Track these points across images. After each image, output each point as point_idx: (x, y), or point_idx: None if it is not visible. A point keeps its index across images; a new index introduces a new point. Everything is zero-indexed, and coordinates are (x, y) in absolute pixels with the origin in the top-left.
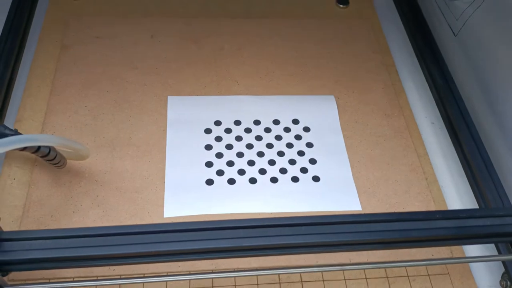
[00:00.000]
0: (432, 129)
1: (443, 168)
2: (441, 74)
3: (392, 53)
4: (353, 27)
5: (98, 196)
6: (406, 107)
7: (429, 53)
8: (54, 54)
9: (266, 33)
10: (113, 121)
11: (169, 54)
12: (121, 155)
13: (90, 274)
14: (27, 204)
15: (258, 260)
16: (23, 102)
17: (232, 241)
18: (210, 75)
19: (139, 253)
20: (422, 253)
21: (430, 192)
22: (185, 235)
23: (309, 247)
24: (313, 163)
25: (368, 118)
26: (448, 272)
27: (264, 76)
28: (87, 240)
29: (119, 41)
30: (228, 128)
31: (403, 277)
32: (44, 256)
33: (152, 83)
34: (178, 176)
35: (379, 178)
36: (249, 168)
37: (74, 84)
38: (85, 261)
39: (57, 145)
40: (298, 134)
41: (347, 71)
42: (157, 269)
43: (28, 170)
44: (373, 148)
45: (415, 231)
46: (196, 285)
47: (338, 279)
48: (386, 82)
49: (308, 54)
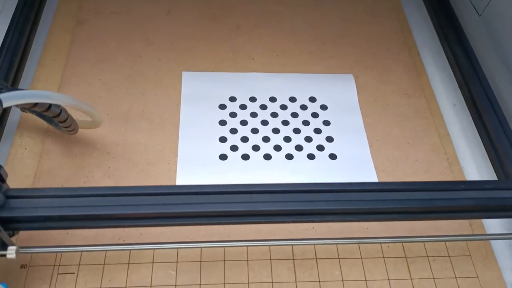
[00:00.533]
0: (453, 111)
1: (465, 149)
2: (465, 54)
3: (414, 33)
4: (374, 6)
5: (110, 168)
6: (427, 88)
7: (452, 33)
8: (69, 28)
9: (284, 11)
10: (126, 94)
11: (185, 31)
12: (134, 128)
13: (99, 242)
14: (37, 173)
15: (272, 235)
16: (37, 74)
17: (245, 205)
18: (226, 52)
19: (150, 213)
20: (441, 232)
21: (451, 172)
22: (196, 197)
23: (326, 214)
24: (330, 141)
25: (388, 97)
26: (469, 253)
27: (281, 54)
28: (96, 199)
29: (135, 16)
30: (243, 105)
31: (423, 257)
32: (52, 214)
33: (167, 59)
34: (191, 150)
35: (398, 158)
36: (264, 144)
37: (88, 58)
38: (94, 221)
39: (69, 105)
40: (315, 112)
41: (367, 51)
42: (168, 239)
43: (39, 140)
44: (392, 127)
45: (438, 200)
46: (207, 257)
47: (355, 257)
48: (407, 62)
49: (327, 33)
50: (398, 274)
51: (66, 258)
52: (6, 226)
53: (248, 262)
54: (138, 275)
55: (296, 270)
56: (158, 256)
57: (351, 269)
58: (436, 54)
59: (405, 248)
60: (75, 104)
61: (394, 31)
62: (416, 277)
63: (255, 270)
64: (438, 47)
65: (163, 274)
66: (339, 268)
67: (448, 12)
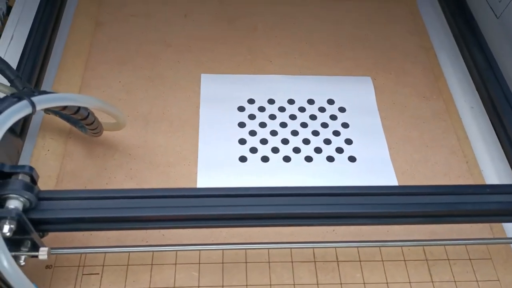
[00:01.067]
0: (471, 113)
1: (483, 152)
2: (484, 56)
3: (430, 35)
4: (390, 8)
5: (131, 169)
6: (445, 90)
7: (470, 35)
8: (88, 31)
9: (301, 14)
10: (146, 96)
11: (202, 33)
12: (154, 130)
13: (122, 243)
14: (60, 175)
15: (292, 237)
16: (58, 76)
17: (266, 208)
18: (244, 54)
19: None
20: (462, 235)
21: (471, 176)
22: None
23: (348, 218)
24: (349, 143)
25: (406, 100)
26: (490, 256)
27: (298, 56)
28: (123, 201)
29: (153, 19)
30: (262, 107)
31: (443, 260)
32: (82, 216)
33: (185, 61)
34: (211, 152)
35: (417, 160)
36: (283, 146)
37: (108, 61)
38: (121, 223)
39: (97, 108)
40: (334, 114)
41: (384, 53)
42: (190, 240)
43: (62, 141)
44: (411, 129)
45: (461, 204)
46: (229, 258)
47: (376, 260)
48: (425, 64)
49: (344, 35)
50: (419, 277)
51: (90, 259)
52: (37, 227)
53: (269, 264)
54: (161, 276)
55: (317, 272)
56: (180, 258)
57: (372, 271)
58: (453, 56)
59: (426, 251)
60: (103, 106)
61: (410, 32)
62: (437, 280)
63: (277, 272)
64: (455, 49)
65: (186, 275)
66: (360, 270)
67: (465, 14)
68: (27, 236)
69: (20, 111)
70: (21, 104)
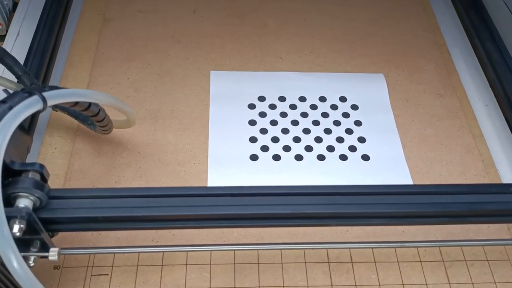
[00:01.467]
0: (486, 111)
1: (499, 150)
2: (498, 52)
3: (443, 32)
4: (403, 5)
5: (140, 168)
6: (459, 87)
7: (483, 31)
8: (96, 27)
9: (312, 10)
10: (155, 93)
11: (211, 29)
12: (163, 128)
13: (133, 244)
14: (68, 173)
15: (305, 237)
16: (65, 73)
17: (278, 207)
18: (254, 51)
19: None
20: (479, 236)
21: (487, 175)
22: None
23: (364, 218)
24: (362, 141)
25: (419, 97)
26: (508, 258)
27: (309, 53)
28: (135, 200)
29: (161, 15)
30: (273, 104)
31: (460, 261)
32: (94, 215)
33: (194, 58)
34: (222, 150)
35: (432, 159)
36: (294, 144)
37: (116, 57)
38: (133, 223)
39: (108, 104)
40: (346, 112)
41: (397, 50)
42: (200, 240)
43: (70, 139)
44: (425, 127)
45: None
46: (241, 259)
47: (391, 261)
48: (438, 61)
49: (356, 31)
50: (436, 279)
51: (99, 260)
52: (47, 227)
53: (282, 265)
54: (172, 277)
55: (331, 273)
56: (191, 258)
57: (388, 273)
58: (466, 52)
59: (442, 252)
60: (115, 103)
61: (423, 29)
62: (454, 282)
63: (290, 273)
64: (468, 46)
65: (197, 276)
66: (376, 272)
67: (478, 9)
68: (37, 236)
69: (31, 106)
70: (32, 99)
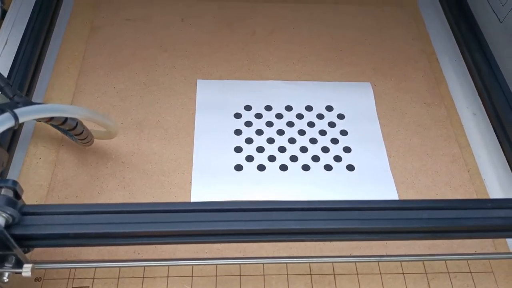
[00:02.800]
0: (474, 120)
1: (486, 160)
2: (486, 61)
3: (432, 40)
4: (392, 12)
5: (124, 178)
6: (447, 96)
7: (472, 40)
8: (83, 35)
9: (300, 18)
10: (141, 103)
11: (199, 38)
12: (148, 137)
13: (114, 257)
14: (52, 184)
15: (289, 249)
16: (51, 82)
17: (262, 223)
18: (241, 59)
19: (165, 232)
20: (464, 249)
21: (472, 185)
22: (213, 215)
23: (345, 233)
24: (347, 151)
25: (406, 106)
26: (492, 270)
27: (297, 62)
28: (112, 216)
29: (150, 23)
30: (259, 113)
31: (443, 273)
32: (68, 232)
33: (181, 66)
34: (206, 160)
35: (418, 169)
36: (280, 154)
37: (103, 66)
38: (110, 239)
39: (86, 118)
40: (332, 121)
41: (385, 58)
42: (183, 255)
43: (54, 149)
44: (411, 137)
45: (463, 220)
46: (223, 272)
47: (374, 273)
48: (426, 70)
49: (344, 40)
50: None
51: (80, 272)
52: (21, 243)
53: (264, 277)
54: None
55: (313, 286)
56: (173, 270)
57: (370, 285)
58: (456, 61)
59: (426, 264)
60: (92, 116)
61: (412, 37)
62: None
63: (272, 285)
64: (457, 54)
65: None
66: (358, 284)
67: (468, 18)
68: (11, 252)
69: (1, 124)
70: (3, 117)
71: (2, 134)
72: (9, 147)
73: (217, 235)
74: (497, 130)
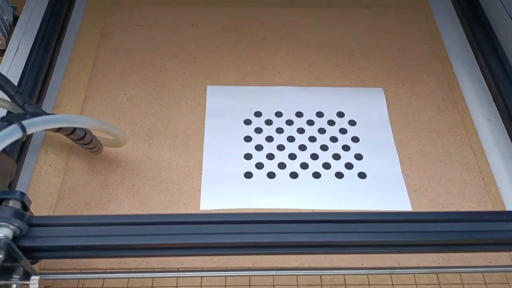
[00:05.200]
0: (488, 126)
1: (501, 168)
2: (501, 66)
3: (446, 44)
4: (404, 17)
5: (133, 186)
6: (461, 101)
7: (487, 44)
8: (94, 41)
9: (311, 23)
10: (151, 109)
11: (209, 43)
12: (158, 144)
13: (123, 266)
14: (62, 191)
15: (299, 259)
16: (62, 88)
17: (273, 236)
18: (251, 65)
19: (174, 244)
20: (478, 260)
21: (487, 193)
22: (223, 227)
23: (357, 246)
24: (359, 158)
25: (419, 112)
26: (507, 281)
27: (307, 67)
28: (120, 228)
29: (160, 29)
30: (269, 120)
31: (457, 284)
32: (75, 244)
33: (191, 72)
34: (216, 168)
35: (431, 177)
36: (290, 162)
37: (113, 72)
38: (117, 251)
39: (94, 128)
40: (343, 127)
41: (397, 63)
42: (191, 264)
43: (64, 157)
44: (425, 144)
45: (479, 233)
46: (232, 283)
47: (386, 284)
48: (439, 75)
49: (356, 44)
50: None
51: (89, 282)
52: (28, 255)
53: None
54: None
55: None
56: (182, 280)
57: None
58: (470, 65)
59: (439, 275)
60: (100, 126)
61: (424, 41)
62: None
63: None
64: (472, 58)
65: None
66: None
67: (482, 21)
68: (18, 263)
69: (9, 136)
70: (11, 129)
71: (11, 144)
72: (19, 155)
73: (226, 248)
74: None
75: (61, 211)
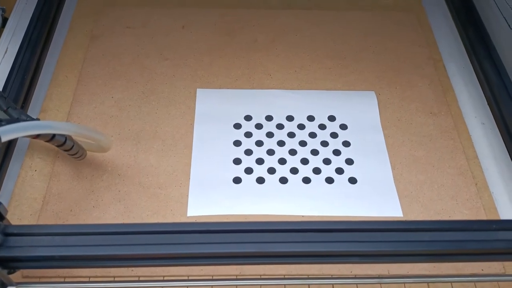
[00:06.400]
0: (482, 130)
1: (495, 173)
2: (495, 70)
3: (440, 47)
4: (398, 19)
5: (120, 191)
6: (454, 105)
7: (481, 47)
8: (83, 44)
9: (303, 25)
10: (139, 113)
11: (200, 46)
12: (145, 149)
13: (108, 274)
14: (46, 197)
15: (287, 267)
16: (50, 91)
17: (259, 245)
18: (242, 68)
19: (158, 254)
20: (470, 268)
21: (480, 199)
22: (209, 236)
23: (345, 256)
24: (349, 163)
25: (412, 116)
26: None
27: (299, 70)
28: (99, 238)
29: (150, 31)
30: (259, 124)
31: None
32: (51, 254)
33: (181, 75)
34: (204, 173)
35: (423, 182)
36: (280, 166)
37: (102, 75)
38: (96, 261)
39: (74, 134)
40: (334, 131)
41: (390, 66)
42: (178, 272)
43: (50, 161)
44: (417, 148)
45: (468, 242)
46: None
47: None
48: (433, 78)
49: (348, 47)
50: None
51: None
52: (5, 265)
53: None
54: None
55: None
56: None
57: None
58: (464, 68)
59: (430, 284)
60: (81, 132)
61: (418, 44)
62: None
63: None
64: (466, 61)
65: None
66: None
67: (477, 24)
68: None
69: None
70: None
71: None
72: (2, 160)
73: (213, 258)
74: (506, 141)
75: (45, 217)
